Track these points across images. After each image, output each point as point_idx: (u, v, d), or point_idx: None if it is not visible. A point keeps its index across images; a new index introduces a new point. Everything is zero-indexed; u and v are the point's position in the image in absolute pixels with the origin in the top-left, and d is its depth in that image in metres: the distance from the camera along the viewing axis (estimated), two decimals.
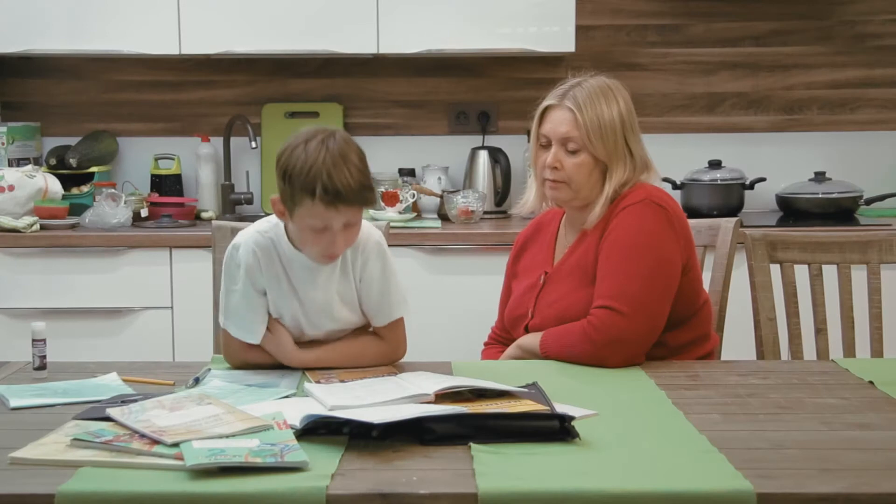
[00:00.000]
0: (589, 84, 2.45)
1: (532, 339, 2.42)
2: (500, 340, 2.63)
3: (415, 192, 4.05)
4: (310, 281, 2.23)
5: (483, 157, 4.20)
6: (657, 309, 2.35)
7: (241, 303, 2.24)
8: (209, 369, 2.26)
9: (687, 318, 2.44)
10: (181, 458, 1.63)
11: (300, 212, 2.10)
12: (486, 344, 2.68)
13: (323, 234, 2.12)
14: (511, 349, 2.48)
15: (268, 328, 2.25)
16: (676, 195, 4.12)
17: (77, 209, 3.96)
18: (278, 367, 2.26)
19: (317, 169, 2.05)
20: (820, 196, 4.06)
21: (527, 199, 2.58)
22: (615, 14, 4.28)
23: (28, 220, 3.80)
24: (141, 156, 4.32)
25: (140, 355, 3.38)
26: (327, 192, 2.05)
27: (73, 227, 3.88)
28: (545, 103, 2.49)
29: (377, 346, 2.28)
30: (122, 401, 1.95)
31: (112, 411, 1.83)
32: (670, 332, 2.39)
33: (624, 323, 2.30)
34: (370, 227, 2.28)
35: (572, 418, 1.78)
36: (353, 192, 2.07)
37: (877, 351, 2.76)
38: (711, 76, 4.32)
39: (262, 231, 2.25)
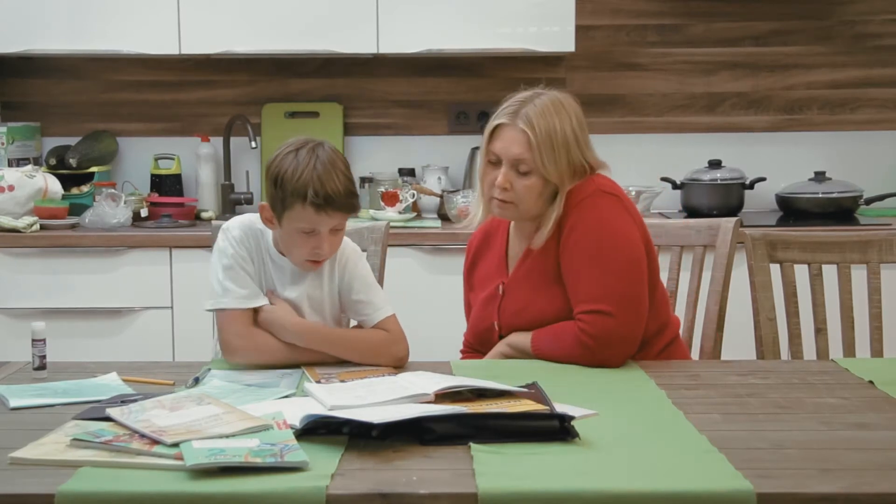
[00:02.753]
0: (541, 101, 2.37)
1: (522, 338, 2.41)
2: (474, 349, 2.58)
3: (415, 192, 4.05)
4: (279, 279, 2.33)
5: None
6: (639, 299, 2.35)
7: (237, 271, 2.30)
8: (209, 369, 2.26)
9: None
10: (181, 458, 1.63)
11: (290, 215, 2.21)
12: (462, 352, 2.63)
13: (310, 237, 2.23)
14: (501, 346, 2.45)
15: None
16: (676, 195, 4.13)
17: (77, 209, 3.96)
18: (279, 365, 2.26)
19: (308, 174, 2.18)
20: (820, 196, 4.06)
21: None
22: (615, 14, 4.28)
23: (28, 220, 3.80)
24: (141, 156, 4.32)
25: (140, 355, 3.38)
26: (318, 195, 2.17)
27: (73, 227, 3.88)
28: (496, 121, 2.40)
29: (378, 333, 2.32)
30: (122, 401, 1.96)
31: (112, 411, 1.83)
32: None
33: (614, 323, 2.30)
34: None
35: (572, 418, 1.79)
36: (342, 197, 2.20)
37: (877, 351, 2.76)
38: (711, 76, 4.31)
39: (251, 218, 2.35)
